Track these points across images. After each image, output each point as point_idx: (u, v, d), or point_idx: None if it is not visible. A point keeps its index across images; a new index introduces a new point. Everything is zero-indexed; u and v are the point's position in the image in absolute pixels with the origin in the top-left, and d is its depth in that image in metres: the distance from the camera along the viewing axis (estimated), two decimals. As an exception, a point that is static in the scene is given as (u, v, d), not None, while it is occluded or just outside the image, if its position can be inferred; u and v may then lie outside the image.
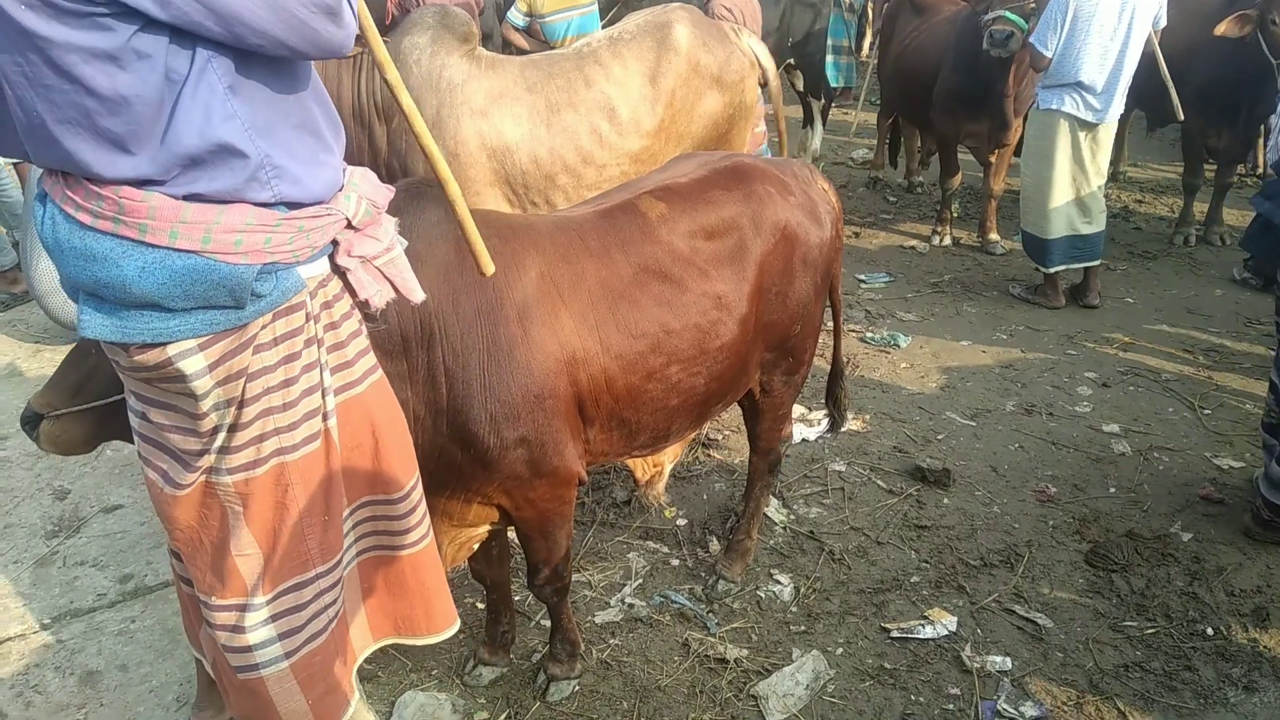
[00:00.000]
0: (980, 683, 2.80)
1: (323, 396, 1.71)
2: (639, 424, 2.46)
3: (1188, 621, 3.01)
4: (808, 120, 7.55)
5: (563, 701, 2.71)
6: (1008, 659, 2.88)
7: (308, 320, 1.66)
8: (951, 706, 2.72)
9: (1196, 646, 2.91)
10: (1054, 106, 5.11)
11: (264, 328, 1.62)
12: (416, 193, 2.14)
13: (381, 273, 1.78)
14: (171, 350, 1.56)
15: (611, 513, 3.55)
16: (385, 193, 1.82)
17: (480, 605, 3.00)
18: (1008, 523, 3.53)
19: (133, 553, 3.17)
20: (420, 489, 2.00)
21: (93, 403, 2.01)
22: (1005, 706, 2.70)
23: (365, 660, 2.10)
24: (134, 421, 1.76)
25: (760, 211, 2.54)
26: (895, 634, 2.97)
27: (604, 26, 4.45)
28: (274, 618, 1.80)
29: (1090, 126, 5.10)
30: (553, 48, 4.92)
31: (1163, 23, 5.15)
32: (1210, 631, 2.97)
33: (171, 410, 1.67)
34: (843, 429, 3.47)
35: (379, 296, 1.77)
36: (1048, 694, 2.76)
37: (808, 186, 2.73)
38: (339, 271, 1.73)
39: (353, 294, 1.76)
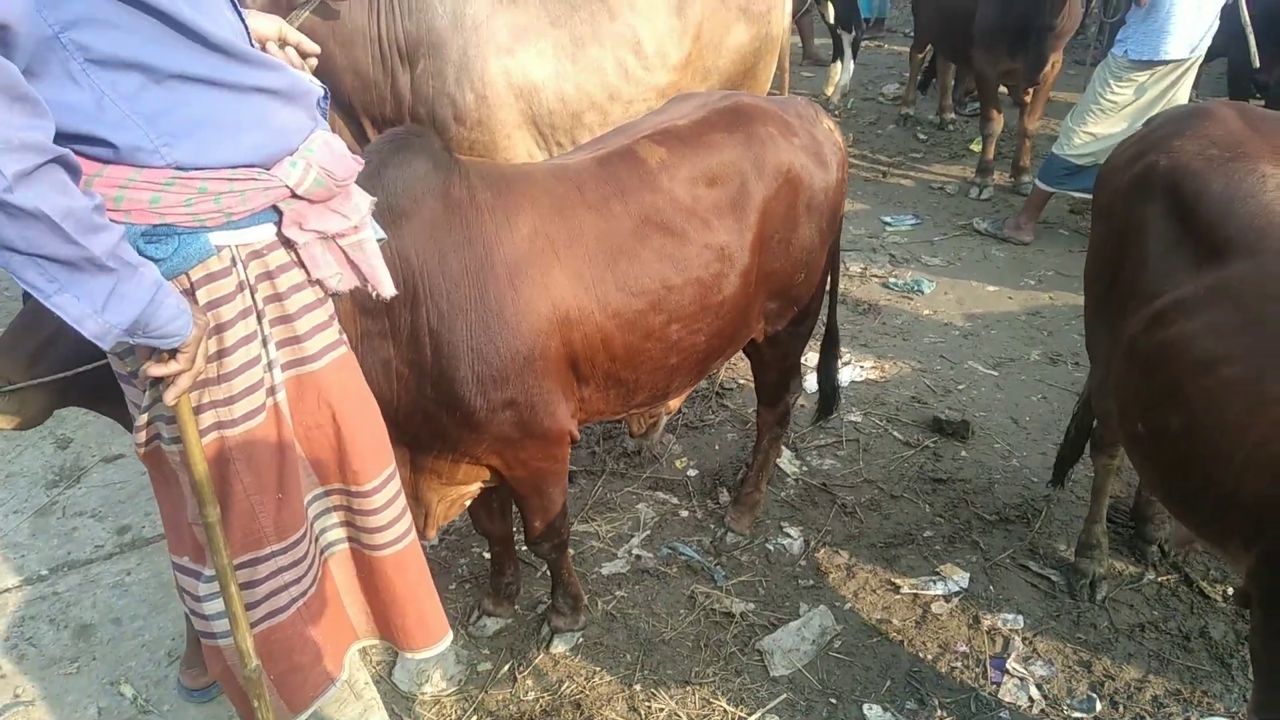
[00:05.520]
0: (990, 640, 2.75)
1: (267, 370, 1.63)
2: (637, 383, 2.39)
3: (1207, 581, 2.92)
4: (838, 54, 7.29)
5: (566, 653, 2.71)
6: (1020, 616, 2.82)
7: (240, 290, 1.56)
8: (959, 664, 2.67)
9: (1214, 607, 2.84)
10: (1147, 57, 4.61)
11: None
12: (401, 144, 2.03)
13: (346, 255, 1.66)
14: None
15: (621, 463, 3.51)
16: (350, 165, 1.65)
17: (486, 555, 2.99)
18: (1026, 476, 3.44)
19: (131, 504, 3.17)
20: (396, 486, 1.87)
21: (58, 374, 1.77)
22: (1014, 665, 2.65)
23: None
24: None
25: (762, 155, 2.42)
26: (905, 590, 2.92)
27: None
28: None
29: (1182, 63, 4.66)
30: None
31: None
32: (1230, 592, 2.88)
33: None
34: (833, 414, 3.37)
35: (337, 280, 1.66)
36: (1058, 653, 2.70)
37: (812, 126, 2.60)
38: (289, 245, 1.61)
39: (307, 271, 1.64)
